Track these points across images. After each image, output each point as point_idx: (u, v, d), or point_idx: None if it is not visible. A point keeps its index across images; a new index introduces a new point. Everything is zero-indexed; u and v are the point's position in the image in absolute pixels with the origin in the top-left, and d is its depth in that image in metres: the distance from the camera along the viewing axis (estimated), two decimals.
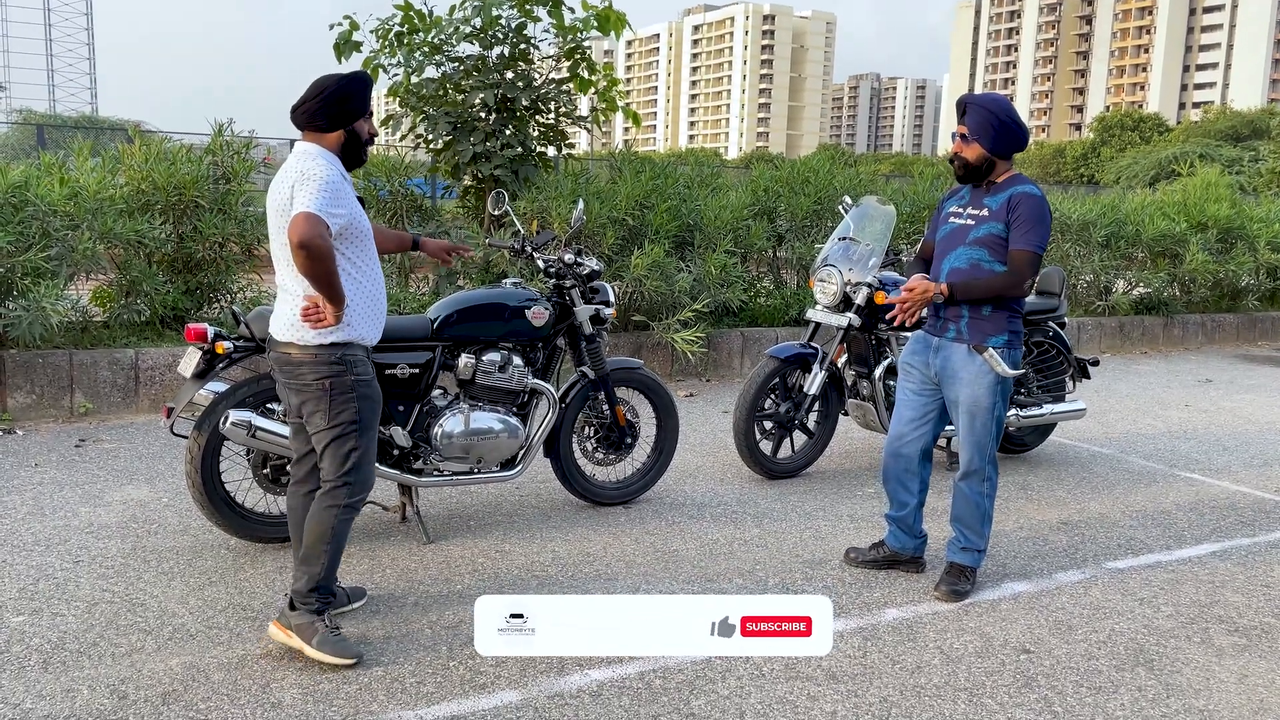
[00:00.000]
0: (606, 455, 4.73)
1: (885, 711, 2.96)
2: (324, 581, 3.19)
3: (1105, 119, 64.05)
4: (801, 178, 9.10)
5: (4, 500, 4.52)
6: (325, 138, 3.16)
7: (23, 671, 2.99)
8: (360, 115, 3.19)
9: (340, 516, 3.19)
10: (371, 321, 3.25)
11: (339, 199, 3.03)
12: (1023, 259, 3.59)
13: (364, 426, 3.21)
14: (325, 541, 3.17)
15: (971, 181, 3.77)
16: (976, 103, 3.68)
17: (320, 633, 3.12)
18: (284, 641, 3.15)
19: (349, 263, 3.16)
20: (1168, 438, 6.62)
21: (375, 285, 3.26)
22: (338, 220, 3.02)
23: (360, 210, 3.19)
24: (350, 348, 3.17)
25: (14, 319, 5.66)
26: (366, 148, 3.27)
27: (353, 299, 3.14)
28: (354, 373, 3.17)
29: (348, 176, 3.20)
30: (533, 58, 7.98)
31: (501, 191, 4.66)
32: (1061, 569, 4.15)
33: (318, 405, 3.16)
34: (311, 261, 2.93)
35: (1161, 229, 10.68)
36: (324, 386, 3.14)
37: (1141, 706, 3.05)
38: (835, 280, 5.21)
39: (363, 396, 3.19)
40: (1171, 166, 34.54)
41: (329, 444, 3.18)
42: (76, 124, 33.19)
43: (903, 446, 3.94)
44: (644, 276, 7.34)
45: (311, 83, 3.17)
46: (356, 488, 3.22)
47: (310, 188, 3.00)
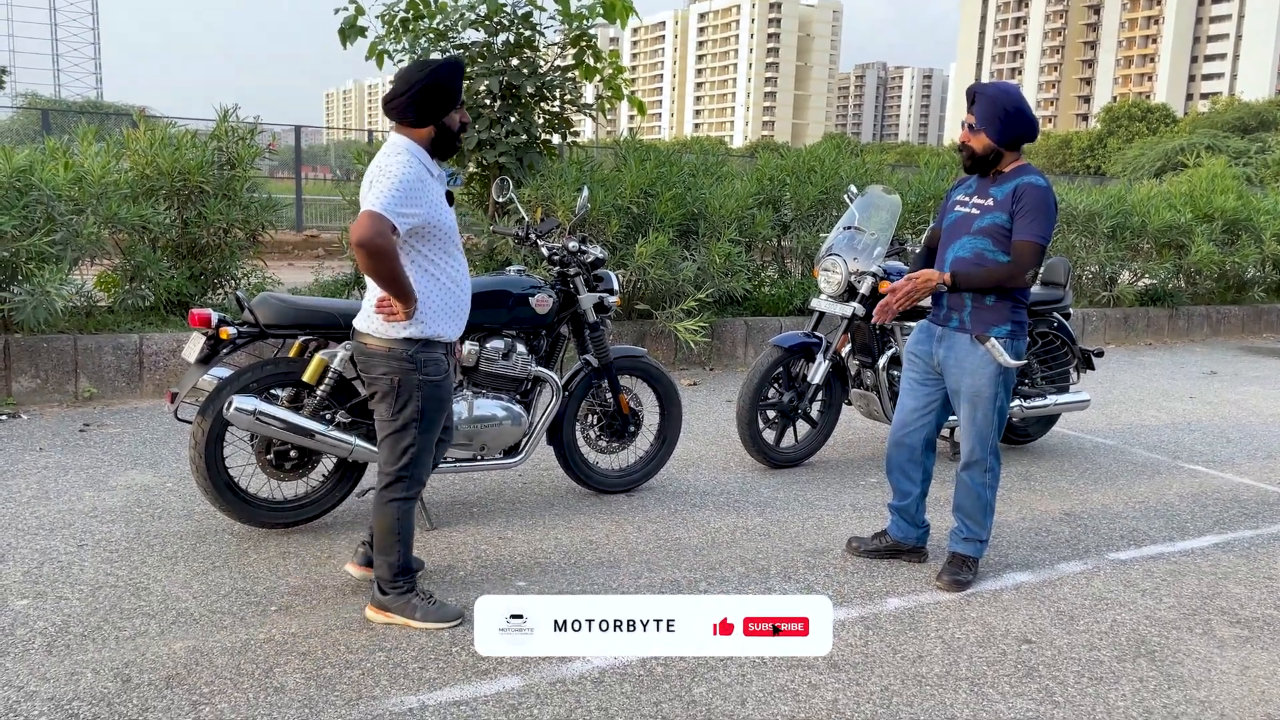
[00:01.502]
0: (610, 443, 4.73)
1: (886, 700, 2.96)
2: (404, 564, 3.31)
3: (1112, 109, 63.77)
4: (807, 166, 9.08)
5: (9, 484, 4.53)
6: (416, 132, 3.15)
7: (27, 654, 3.00)
8: (451, 108, 3.17)
9: (401, 509, 3.29)
10: (450, 320, 3.25)
11: (413, 198, 3.02)
12: (1025, 249, 3.57)
13: (427, 425, 3.25)
14: (394, 533, 3.28)
15: (978, 172, 3.75)
16: (985, 92, 3.65)
17: (420, 607, 3.27)
18: (386, 622, 3.27)
19: (427, 260, 3.16)
20: (1171, 429, 6.61)
21: (456, 284, 3.25)
22: (408, 220, 3.02)
23: (444, 208, 3.18)
24: (426, 346, 3.19)
25: (19, 303, 5.67)
26: (459, 137, 3.26)
27: (428, 297, 3.16)
28: (423, 372, 3.18)
29: (436, 170, 3.21)
30: (538, 45, 7.95)
31: (506, 179, 4.65)
32: (1064, 560, 4.15)
33: (384, 398, 3.22)
34: (370, 260, 2.95)
35: (1167, 220, 10.66)
36: (391, 382, 3.18)
37: (1143, 697, 3.05)
38: (840, 269, 5.20)
39: (429, 397, 3.22)
40: (1178, 158, 34.39)
41: (388, 436, 3.26)
42: (81, 109, 33.14)
43: (906, 436, 3.94)
44: (648, 265, 7.33)
45: (399, 73, 3.16)
46: (412, 482, 3.31)
47: (382, 185, 3.00)
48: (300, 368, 3.90)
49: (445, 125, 3.18)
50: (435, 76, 3.10)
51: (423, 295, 3.14)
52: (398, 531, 3.27)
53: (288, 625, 3.25)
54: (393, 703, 2.83)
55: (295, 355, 3.99)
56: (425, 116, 3.13)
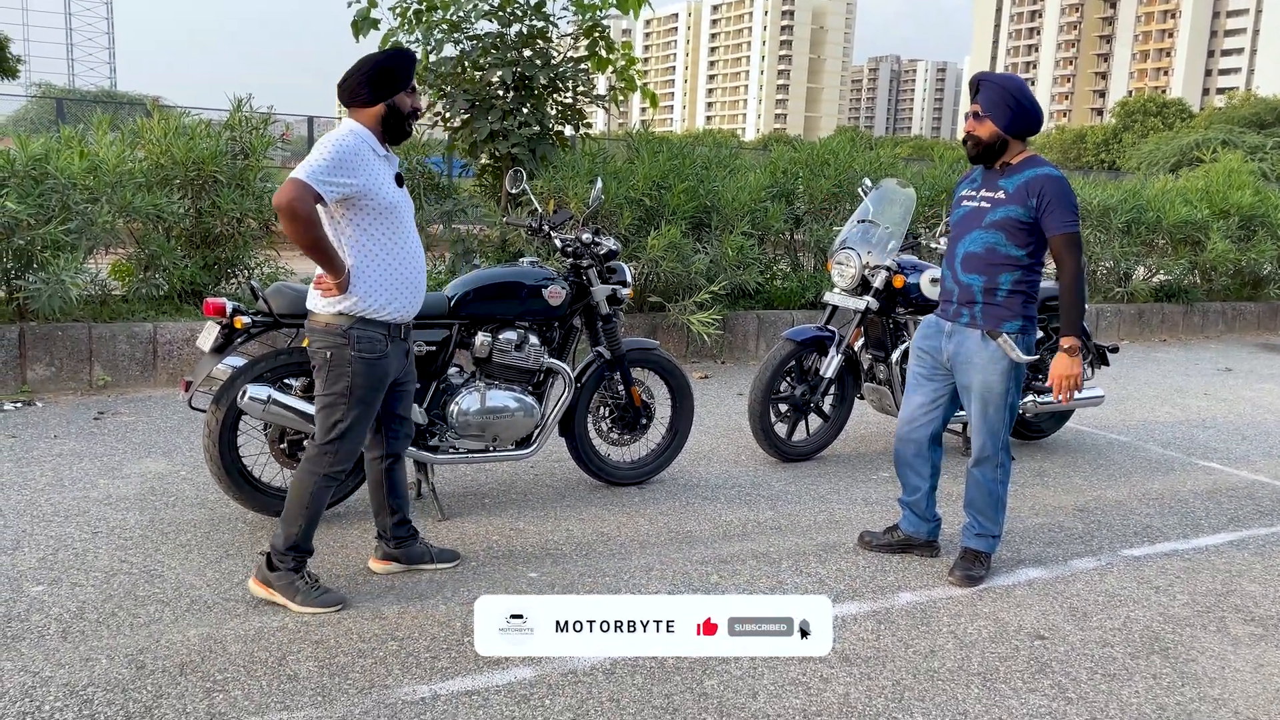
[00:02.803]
0: (621, 435, 4.73)
1: (898, 695, 2.95)
2: (301, 542, 3.30)
3: (1128, 104, 63.32)
4: (821, 159, 9.04)
5: (24, 471, 4.56)
6: (365, 113, 3.21)
7: (42, 640, 3.02)
8: (401, 89, 3.23)
9: (320, 483, 3.28)
10: (390, 297, 3.24)
11: (346, 169, 3.06)
12: (1064, 243, 3.54)
13: (357, 401, 3.25)
14: (304, 505, 3.28)
15: (984, 162, 3.70)
16: (990, 80, 3.62)
17: (302, 590, 3.27)
18: (264, 597, 3.30)
19: (366, 235, 3.18)
20: (1186, 426, 6.58)
21: (400, 261, 3.26)
22: (337, 189, 3.05)
23: (390, 187, 3.22)
24: (362, 323, 3.20)
25: (34, 292, 5.70)
26: (410, 121, 3.30)
27: (365, 273, 3.18)
28: (355, 348, 3.19)
29: (384, 152, 3.26)
30: (551, 36, 7.94)
31: (519, 170, 4.64)
32: (1077, 556, 4.13)
33: (319, 372, 3.27)
34: (290, 224, 2.99)
35: (1183, 216, 10.58)
36: (325, 356, 3.22)
37: (1156, 694, 3.04)
38: (853, 263, 5.18)
39: (359, 373, 3.22)
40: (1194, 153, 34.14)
41: (320, 409, 3.28)
42: (95, 98, 33.26)
43: (913, 431, 3.92)
44: (660, 257, 7.32)
45: (357, 60, 3.25)
46: (338, 457, 3.28)
47: (314, 155, 3.06)
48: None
49: (395, 105, 3.23)
50: (388, 58, 3.22)
51: (359, 270, 3.16)
52: (307, 504, 3.27)
53: (301, 614, 3.25)
54: (405, 692, 2.83)
55: (308, 345, 3.99)
56: (377, 94, 3.19)
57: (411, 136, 3.57)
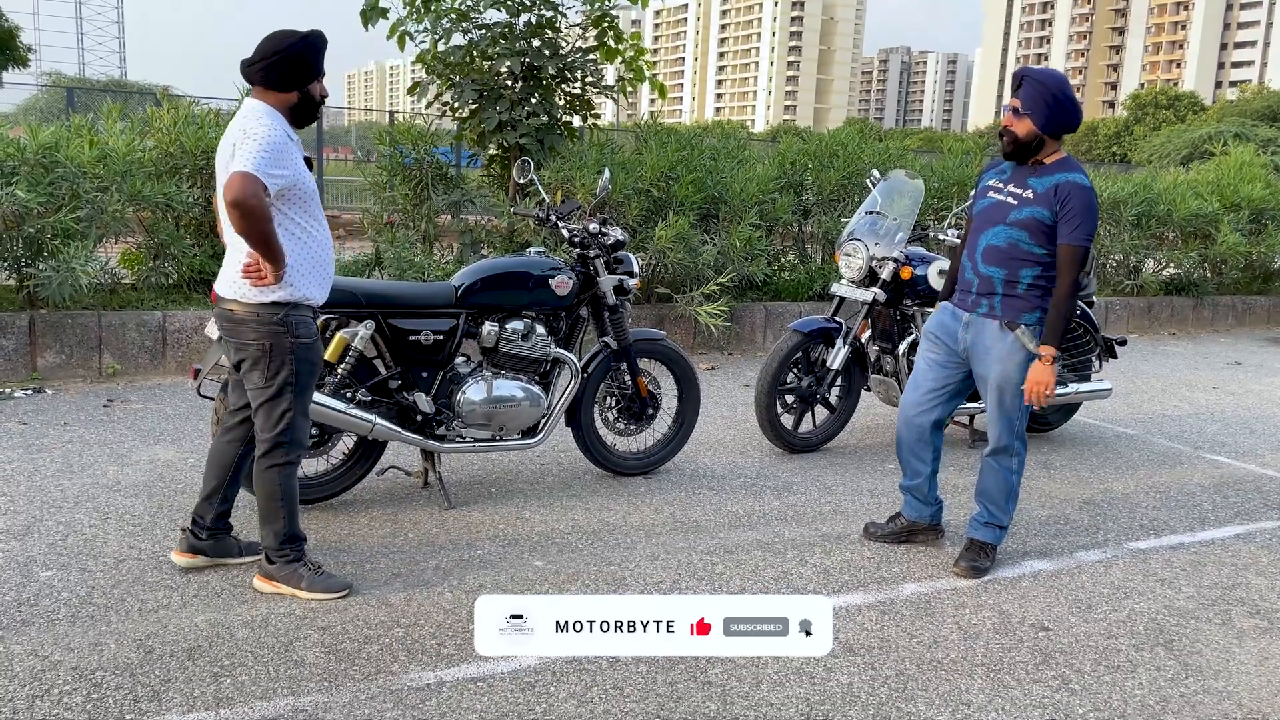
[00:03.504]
0: (628, 426, 4.74)
1: (901, 684, 2.96)
2: (289, 531, 3.31)
3: (1139, 96, 63.00)
4: (829, 151, 9.02)
5: (34, 458, 4.59)
6: (276, 96, 3.16)
7: (51, 624, 3.04)
8: (316, 77, 3.21)
9: (283, 474, 3.28)
10: (316, 282, 3.25)
11: (280, 160, 3.04)
12: (1070, 254, 3.52)
13: (301, 388, 3.24)
14: (277, 499, 3.27)
15: (1018, 159, 3.66)
16: (1033, 76, 3.56)
17: (306, 576, 3.28)
18: (273, 592, 3.30)
19: (292, 223, 3.17)
20: (1194, 419, 6.56)
21: (320, 247, 3.26)
22: (277, 181, 3.03)
23: (306, 172, 3.20)
24: (294, 309, 3.20)
25: (44, 279, 5.73)
26: (319, 107, 3.29)
27: (295, 259, 3.16)
28: (294, 334, 3.18)
29: (295, 136, 3.22)
30: (560, 26, 7.92)
31: (528, 160, 4.65)
32: (1082, 548, 4.13)
33: (255, 364, 3.20)
34: (245, 220, 2.96)
35: (1193, 209, 10.52)
36: (263, 347, 3.17)
37: (1160, 686, 3.04)
38: (861, 255, 5.18)
39: (301, 359, 3.21)
40: (1205, 146, 33.93)
41: (264, 403, 3.23)
42: (105, 88, 33.31)
43: (918, 416, 3.91)
44: (668, 248, 7.32)
45: (265, 38, 3.16)
46: (291, 447, 3.27)
47: (250, 147, 3.00)
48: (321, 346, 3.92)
49: (309, 93, 3.20)
50: (305, 43, 3.15)
51: (290, 258, 3.14)
52: (281, 498, 3.27)
53: (307, 600, 3.28)
54: (410, 678, 2.85)
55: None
56: (292, 82, 3.15)
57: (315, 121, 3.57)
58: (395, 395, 4.08)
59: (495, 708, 2.73)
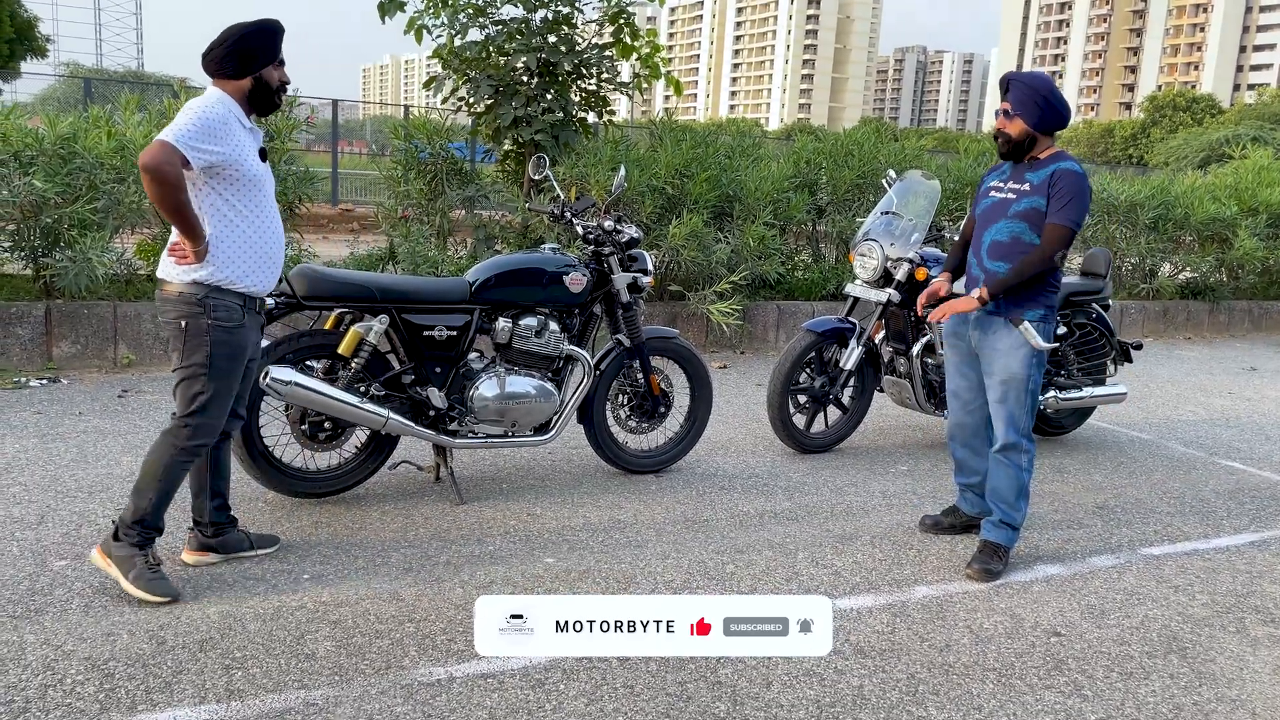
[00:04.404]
0: (640, 423, 4.74)
1: (913, 688, 2.95)
2: (150, 517, 3.21)
3: (1157, 99, 62.59)
4: (845, 150, 8.99)
5: (49, 447, 4.61)
6: (232, 84, 3.17)
7: (64, 614, 3.06)
8: (269, 62, 3.21)
9: (176, 457, 3.20)
10: (248, 269, 3.20)
11: (213, 136, 3.03)
12: (1055, 234, 3.64)
13: (215, 372, 3.18)
14: (158, 478, 3.20)
15: (1014, 158, 3.82)
16: (1020, 80, 3.75)
17: (138, 567, 3.16)
18: (103, 569, 3.21)
19: (225, 203, 3.14)
20: (1209, 425, 6.52)
21: (257, 234, 3.22)
22: (203, 156, 3.02)
23: (253, 158, 3.18)
24: (216, 291, 3.15)
25: (61, 270, 5.76)
26: (278, 94, 3.28)
27: (223, 242, 3.14)
28: (212, 316, 3.14)
29: (250, 124, 3.23)
30: (576, 22, 7.92)
31: (543, 156, 4.64)
32: (1095, 553, 4.11)
33: (174, 343, 3.19)
34: (155, 187, 2.95)
35: (1211, 213, 10.46)
36: (180, 325, 3.15)
37: (1173, 694, 3.02)
38: (876, 255, 5.16)
39: (218, 342, 3.16)
40: (1222, 149, 33.67)
41: (179, 383, 3.20)
42: (122, 79, 33.47)
43: (968, 415, 4.03)
44: (681, 246, 7.31)
45: (223, 30, 3.18)
46: (198, 431, 3.21)
47: (181, 119, 3.01)
48: (335, 340, 3.94)
49: (263, 79, 3.20)
50: (255, 30, 3.17)
51: (218, 240, 3.12)
52: (158, 478, 3.19)
53: (319, 594, 3.29)
54: (421, 673, 2.86)
55: (330, 327, 4.03)
56: (244, 67, 3.15)
57: (280, 109, 3.56)
58: (409, 390, 4.09)
59: (505, 704, 2.73)
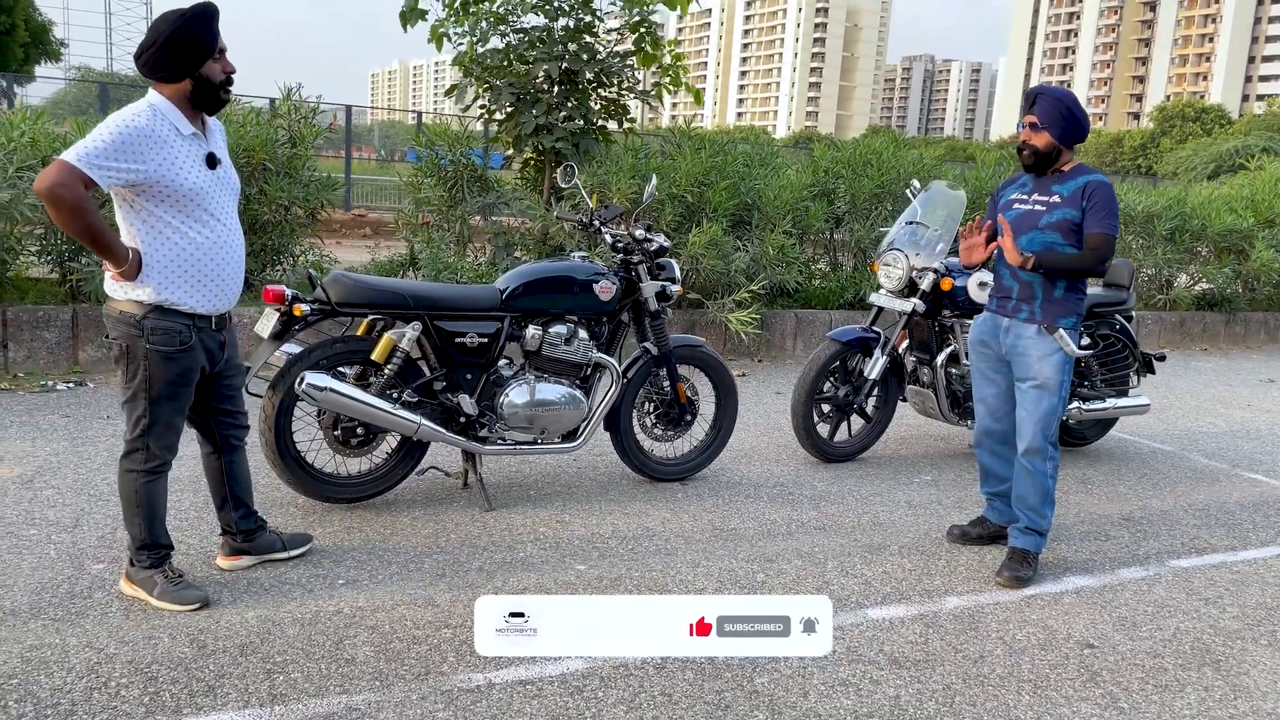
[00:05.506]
0: (666, 431, 4.75)
1: (949, 699, 2.96)
2: (148, 540, 3.17)
3: (1166, 109, 62.60)
4: (863, 159, 9.00)
5: (79, 450, 4.64)
6: (170, 87, 2.97)
7: (105, 617, 3.07)
8: (208, 57, 2.96)
9: (140, 480, 3.12)
10: (191, 288, 3.02)
11: (129, 153, 2.83)
12: (1102, 240, 3.72)
13: (157, 397, 3.05)
14: (135, 505, 3.14)
15: (1038, 170, 3.89)
16: (1047, 93, 3.85)
17: (160, 584, 3.15)
18: (131, 594, 3.20)
19: (160, 221, 2.95)
20: (1230, 436, 6.51)
21: (203, 250, 3.03)
22: (115, 176, 2.83)
23: (189, 168, 2.96)
24: (155, 312, 2.99)
25: (87, 274, 5.79)
26: (224, 89, 3.05)
27: (158, 260, 2.96)
28: (150, 340, 2.99)
29: (191, 130, 3.01)
30: (597, 30, 7.95)
31: (571, 165, 4.66)
32: (1124, 565, 4.11)
33: (116, 363, 3.07)
34: (53, 210, 2.79)
35: (1228, 224, 10.45)
36: (120, 347, 3.03)
37: (1209, 706, 3.02)
38: (901, 265, 5.17)
39: (156, 366, 3.01)
40: (1232, 160, 33.67)
41: (124, 404, 3.11)
42: (133, 83, 33.57)
43: (996, 422, 4.06)
44: (701, 254, 7.33)
45: (151, 24, 2.93)
46: (150, 454, 3.11)
47: (92, 134, 2.84)
48: (368, 346, 3.96)
49: (204, 77, 2.98)
50: (185, 26, 2.90)
51: (152, 258, 2.95)
52: (136, 505, 3.13)
53: (355, 599, 3.30)
54: (460, 679, 2.87)
55: (363, 334, 4.05)
56: (180, 69, 2.93)
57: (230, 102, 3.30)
58: (440, 396, 4.11)
59: (545, 711, 2.74)
